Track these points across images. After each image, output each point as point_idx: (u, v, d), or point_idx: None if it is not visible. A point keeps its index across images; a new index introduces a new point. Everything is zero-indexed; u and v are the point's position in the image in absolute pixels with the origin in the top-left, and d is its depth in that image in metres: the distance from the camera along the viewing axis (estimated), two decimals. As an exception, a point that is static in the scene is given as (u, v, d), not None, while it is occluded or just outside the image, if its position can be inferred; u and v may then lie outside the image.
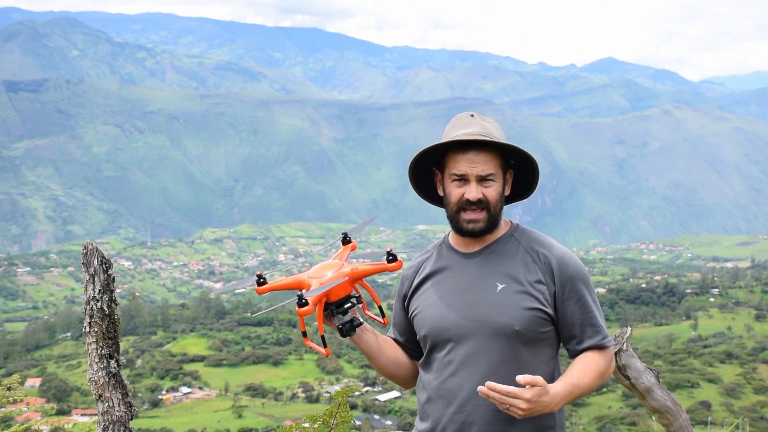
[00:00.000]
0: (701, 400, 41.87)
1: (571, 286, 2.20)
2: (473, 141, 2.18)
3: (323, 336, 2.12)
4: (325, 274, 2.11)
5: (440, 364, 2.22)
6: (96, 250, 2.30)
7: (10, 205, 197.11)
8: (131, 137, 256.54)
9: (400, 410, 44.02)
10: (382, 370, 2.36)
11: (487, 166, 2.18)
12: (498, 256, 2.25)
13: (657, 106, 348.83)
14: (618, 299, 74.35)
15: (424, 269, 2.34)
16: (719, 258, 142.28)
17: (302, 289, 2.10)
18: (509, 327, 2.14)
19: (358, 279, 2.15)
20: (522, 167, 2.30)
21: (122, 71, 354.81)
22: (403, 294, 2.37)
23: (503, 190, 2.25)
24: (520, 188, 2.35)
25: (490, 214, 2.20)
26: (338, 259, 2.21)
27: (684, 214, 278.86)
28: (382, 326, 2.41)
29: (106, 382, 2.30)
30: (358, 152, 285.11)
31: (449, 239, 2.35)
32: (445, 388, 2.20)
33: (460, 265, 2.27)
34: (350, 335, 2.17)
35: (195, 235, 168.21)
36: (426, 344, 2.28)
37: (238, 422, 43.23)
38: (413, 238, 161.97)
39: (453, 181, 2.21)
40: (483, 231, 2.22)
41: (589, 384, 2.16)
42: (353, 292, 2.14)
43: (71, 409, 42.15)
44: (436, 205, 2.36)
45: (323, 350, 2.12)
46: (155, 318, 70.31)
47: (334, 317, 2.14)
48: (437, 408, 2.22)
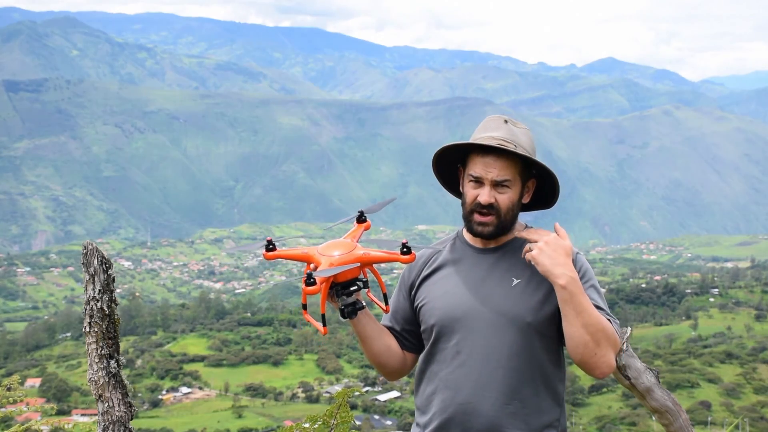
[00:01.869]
0: (701, 400, 41.86)
1: (582, 279, 2.20)
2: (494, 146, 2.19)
3: (323, 314, 2.10)
4: (335, 252, 2.08)
5: (448, 355, 2.22)
6: (96, 250, 2.30)
7: (10, 205, 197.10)
8: (131, 137, 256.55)
9: (400, 410, 44.00)
10: (373, 357, 2.35)
11: (504, 173, 2.18)
12: (512, 254, 2.26)
13: (657, 106, 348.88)
14: (618, 299, 74.29)
15: (435, 260, 2.34)
16: (719, 258, 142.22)
17: (310, 264, 2.09)
18: (522, 319, 2.16)
19: (369, 264, 2.11)
20: (547, 177, 2.27)
21: (122, 71, 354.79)
22: (410, 283, 2.37)
23: (519, 198, 2.24)
24: (543, 197, 2.34)
25: (500, 220, 2.21)
26: (350, 239, 2.18)
27: (684, 214, 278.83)
28: (382, 313, 2.41)
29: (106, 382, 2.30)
30: (358, 152, 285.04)
31: (464, 234, 2.36)
32: (453, 378, 2.20)
33: (475, 259, 2.28)
34: (351, 318, 2.16)
35: (195, 235, 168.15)
36: (432, 334, 2.27)
37: (238, 422, 43.23)
38: (413, 238, 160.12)
39: (470, 182, 2.23)
40: (492, 234, 2.23)
41: (595, 313, 2.10)
42: (360, 275, 2.13)
43: (71, 409, 42.10)
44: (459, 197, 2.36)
45: (321, 328, 2.09)
46: (155, 318, 70.28)
47: (338, 297, 2.12)
48: (443, 398, 2.21)
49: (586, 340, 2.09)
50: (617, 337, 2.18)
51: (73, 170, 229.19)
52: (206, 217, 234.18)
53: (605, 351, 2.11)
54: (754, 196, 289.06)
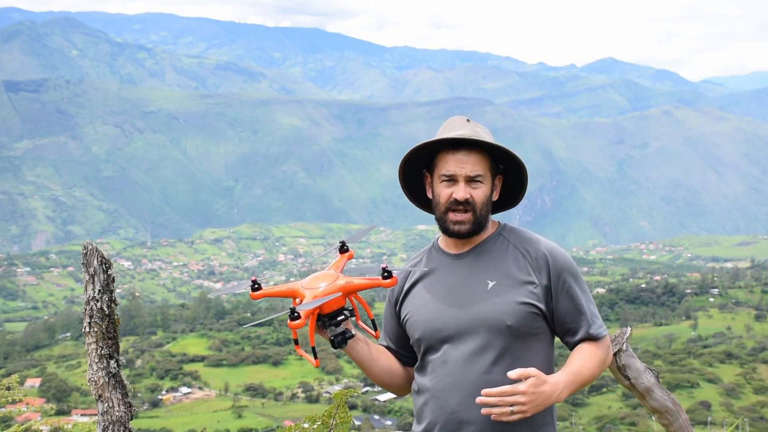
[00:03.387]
0: (701, 400, 41.85)
1: (562, 280, 2.22)
2: (463, 141, 2.20)
3: (314, 347, 2.12)
4: (320, 285, 2.09)
5: (435, 366, 2.23)
6: (96, 250, 2.30)
7: (10, 205, 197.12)
8: (131, 137, 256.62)
9: (399, 410, 44.00)
10: (376, 379, 2.36)
11: (476, 167, 2.19)
12: (487, 255, 2.26)
13: (657, 106, 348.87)
14: (618, 299, 74.33)
15: (414, 273, 2.34)
16: (719, 258, 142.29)
17: (296, 298, 2.10)
18: (501, 323, 2.15)
19: (352, 293, 2.13)
20: (511, 173, 2.29)
21: (122, 71, 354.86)
22: (395, 299, 2.37)
23: (491, 194, 2.25)
24: (509, 195, 2.35)
25: (476, 216, 2.21)
26: (333, 270, 2.18)
27: (684, 214, 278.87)
28: (374, 339, 2.40)
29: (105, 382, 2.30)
30: (358, 152, 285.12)
31: (439, 242, 2.36)
32: (440, 389, 2.20)
33: (450, 266, 2.28)
34: (342, 347, 2.17)
35: (195, 235, 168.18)
36: (420, 347, 2.28)
37: (238, 422, 43.24)
38: (413, 238, 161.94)
39: (442, 181, 2.22)
40: (469, 232, 2.23)
41: (590, 373, 2.17)
42: (347, 305, 2.14)
43: (71, 409, 42.11)
44: (424, 209, 2.38)
45: (313, 360, 2.11)
46: (155, 318, 70.30)
47: (327, 329, 2.14)
48: (434, 409, 2.21)
49: (589, 383, 2.23)
50: (609, 351, 2.27)
51: (73, 170, 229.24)
52: (206, 217, 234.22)
53: (604, 368, 2.29)
54: (754, 196, 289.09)
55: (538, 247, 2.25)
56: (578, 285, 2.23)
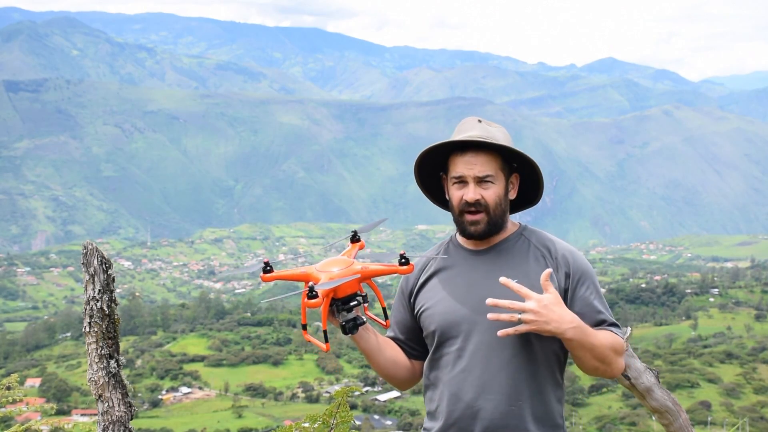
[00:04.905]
0: (701, 400, 41.84)
1: (581, 282, 2.23)
2: (470, 143, 2.20)
3: (326, 331, 2.12)
4: (333, 269, 2.09)
5: (450, 359, 2.23)
6: (96, 250, 2.29)
7: (10, 205, 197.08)
8: (131, 137, 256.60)
9: (400, 410, 44.01)
10: (380, 370, 2.36)
11: (485, 168, 2.19)
12: (507, 253, 2.26)
13: (657, 106, 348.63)
14: (618, 299, 74.27)
15: (431, 266, 2.34)
16: (719, 258, 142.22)
17: (309, 282, 2.08)
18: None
19: (368, 278, 2.12)
20: (528, 171, 2.30)
21: (122, 71, 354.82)
22: (409, 291, 2.37)
23: (506, 193, 2.25)
24: (529, 193, 2.36)
25: (490, 216, 2.21)
26: (347, 256, 2.19)
27: (684, 214, 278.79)
28: (382, 328, 2.40)
29: (106, 382, 2.29)
30: (358, 152, 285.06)
31: (457, 237, 2.35)
32: (456, 382, 2.21)
33: (470, 262, 2.28)
34: (353, 333, 2.15)
35: (195, 235, 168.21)
36: (434, 340, 2.27)
37: (238, 422, 43.23)
38: (413, 238, 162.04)
39: (453, 183, 2.23)
40: (485, 233, 2.23)
41: (599, 342, 2.13)
42: (359, 291, 2.14)
43: (71, 409, 42.12)
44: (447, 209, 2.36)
45: (323, 345, 2.10)
46: (155, 318, 70.27)
47: (339, 314, 2.12)
48: (449, 402, 2.21)
49: (597, 365, 2.16)
50: (622, 343, 2.23)
51: (73, 170, 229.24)
52: (206, 217, 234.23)
53: (614, 362, 2.19)
54: (754, 196, 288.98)
55: (559, 248, 2.26)
56: (595, 288, 2.24)
